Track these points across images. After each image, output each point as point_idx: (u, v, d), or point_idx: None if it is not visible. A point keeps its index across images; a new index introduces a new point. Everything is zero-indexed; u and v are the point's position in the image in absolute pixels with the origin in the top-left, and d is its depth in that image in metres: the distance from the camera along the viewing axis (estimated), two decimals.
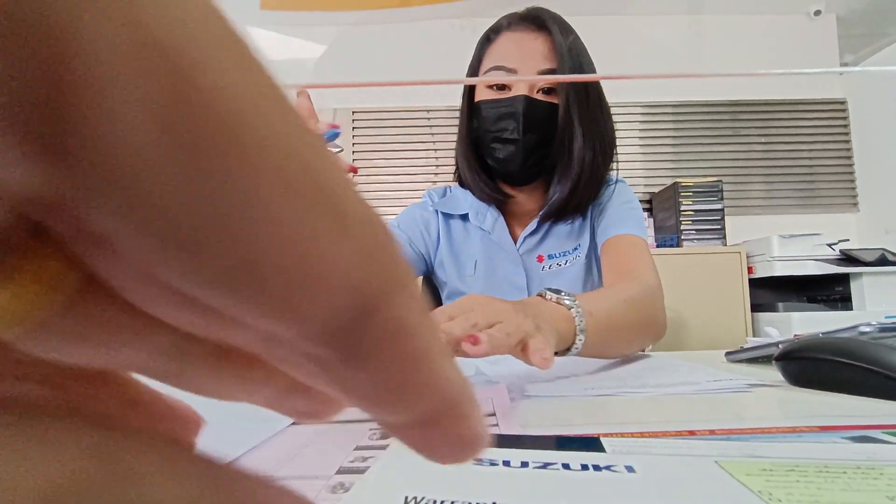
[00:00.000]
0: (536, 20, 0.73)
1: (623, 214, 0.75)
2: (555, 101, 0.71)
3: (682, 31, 2.57)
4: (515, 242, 0.79)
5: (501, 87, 0.73)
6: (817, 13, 2.53)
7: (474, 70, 0.77)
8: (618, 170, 0.78)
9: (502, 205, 0.79)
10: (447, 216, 0.83)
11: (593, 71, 0.73)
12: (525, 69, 0.71)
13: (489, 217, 0.79)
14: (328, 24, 2.55)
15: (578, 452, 0.21)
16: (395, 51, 2.58)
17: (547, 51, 0.71)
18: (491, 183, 0.77)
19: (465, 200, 0.82)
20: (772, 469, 0.18)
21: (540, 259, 0.79)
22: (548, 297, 0.48)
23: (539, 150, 0.72)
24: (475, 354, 0.34)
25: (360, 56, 2.60)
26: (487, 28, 0.78)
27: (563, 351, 0.46)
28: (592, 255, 0.78)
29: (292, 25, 2.56)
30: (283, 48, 2.65)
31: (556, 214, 0.75)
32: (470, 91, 0.78)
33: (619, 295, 0.56)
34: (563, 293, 0.48)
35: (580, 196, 0.73)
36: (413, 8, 2.46)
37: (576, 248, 0.79)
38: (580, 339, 0.45)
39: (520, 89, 0.71)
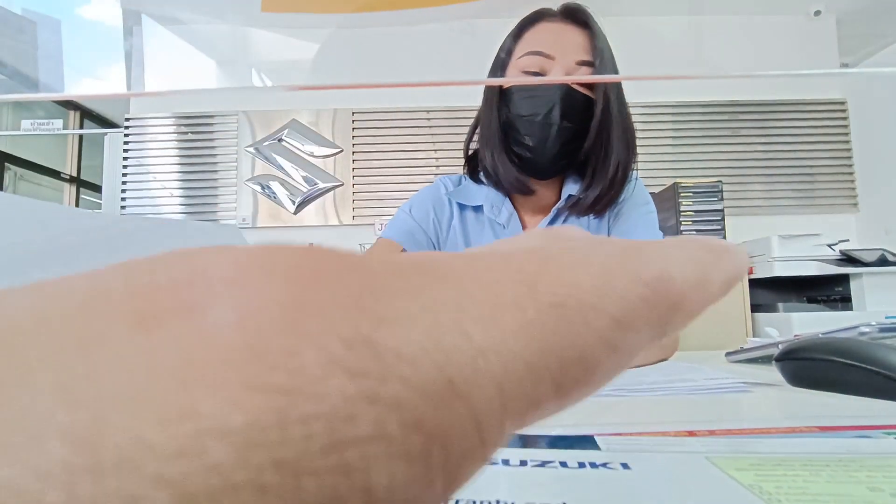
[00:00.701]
0: (576, 15, 0.73)
1: (641, 220, 0.74)
2: (589, 94, 0.71)
3: (682, 31, 2.57)
4: None
5: (537, 75, 0.71)
6: (817, 13, 2.53)
7: (506, 54, 0.76)
8: (637, 168, 0.77)
9: (519, 199, 0.78)
10: (462, 206, 0.80)
11: (620, 71, 0.73)
12: (563, 58, 0.70)
13: (504, 211, 0.77)
14: (328, 27, 2.55)
15: (575, 451, 0.21)
16: (395, 52, 2.58)
17: (585, 44, 0.71)
18: (520, 173, 0.75)
19: (479, 192, 0.79)
20: (760, 464, 0.19)
21: None
22: None
23: (572, 143, 0.71)
24: None
25: (360, 57, 2.60)
26: (521, 19, 0.76)
27: None
28: None
29: (293, 28, 2.57)
30: (284, 49, 2.65)
31: (588, 209, 0.73)
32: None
33: None
34: None
35: (615, 193, 0.73)
36: (412, 10, 2.46)
37: None
38: None
39: (557, 77, 0.70)
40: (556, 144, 0.70)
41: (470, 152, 0.81)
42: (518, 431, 0.07)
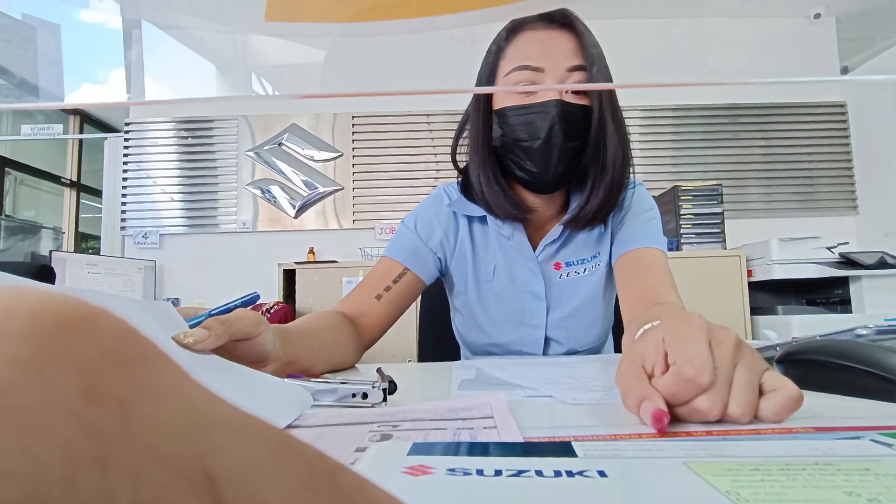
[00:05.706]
0: (560, 18, 0.68)
1: (644, 225, 0.73)
2: (585, 102, 0.67)
3: (682, 34, 2.58)
4: (535, 249, 0.76)
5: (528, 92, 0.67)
6: (817, 16, 2.54)
7: (490, 72, 0.71)
8: (634, 173, 0.75)
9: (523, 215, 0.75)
10: (468, 217, 0.78)
11: (612, 73, 0.70)
12: (553, 68, 0.65)
13: (508, 223, 0.75)
14: (330, 36, 2.56)
15: (551, 458, 0.20)
16: (396, 59, 2.59)
17: (574, 48, 0.66)
18: (514, 198, 0.72)
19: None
20: (737, 469, 0.19)
21: (557, 266, 0.76)
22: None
23: (575, 157, 0.68)
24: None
25: (362, 63, 2.61)
26: (502, 28, 0.71)
27: None
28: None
29: (296, 36, 2.57)
30: (286, 56, 2.66)
31: (589, 221, 0.71)
32: (486, 98, 0.71)
33: None
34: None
35: (612, 201, 0.70)
36: (413, 20, 2.47)
37: (595, 256, 0.76)
38: None
39: (549, 92, 0.65)
40: (560, 165, 0.67)
41: (461, 163, 0.78)
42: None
